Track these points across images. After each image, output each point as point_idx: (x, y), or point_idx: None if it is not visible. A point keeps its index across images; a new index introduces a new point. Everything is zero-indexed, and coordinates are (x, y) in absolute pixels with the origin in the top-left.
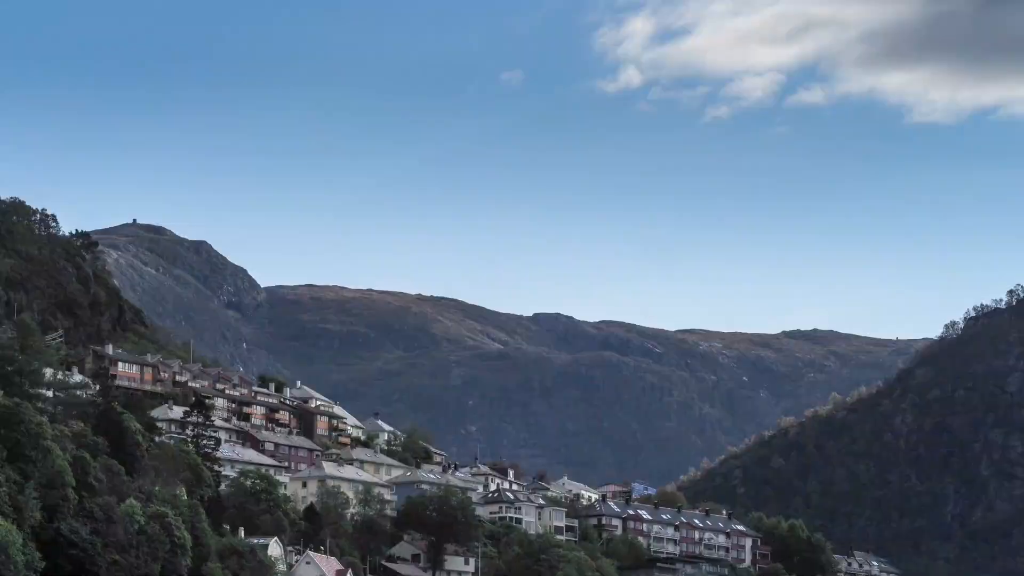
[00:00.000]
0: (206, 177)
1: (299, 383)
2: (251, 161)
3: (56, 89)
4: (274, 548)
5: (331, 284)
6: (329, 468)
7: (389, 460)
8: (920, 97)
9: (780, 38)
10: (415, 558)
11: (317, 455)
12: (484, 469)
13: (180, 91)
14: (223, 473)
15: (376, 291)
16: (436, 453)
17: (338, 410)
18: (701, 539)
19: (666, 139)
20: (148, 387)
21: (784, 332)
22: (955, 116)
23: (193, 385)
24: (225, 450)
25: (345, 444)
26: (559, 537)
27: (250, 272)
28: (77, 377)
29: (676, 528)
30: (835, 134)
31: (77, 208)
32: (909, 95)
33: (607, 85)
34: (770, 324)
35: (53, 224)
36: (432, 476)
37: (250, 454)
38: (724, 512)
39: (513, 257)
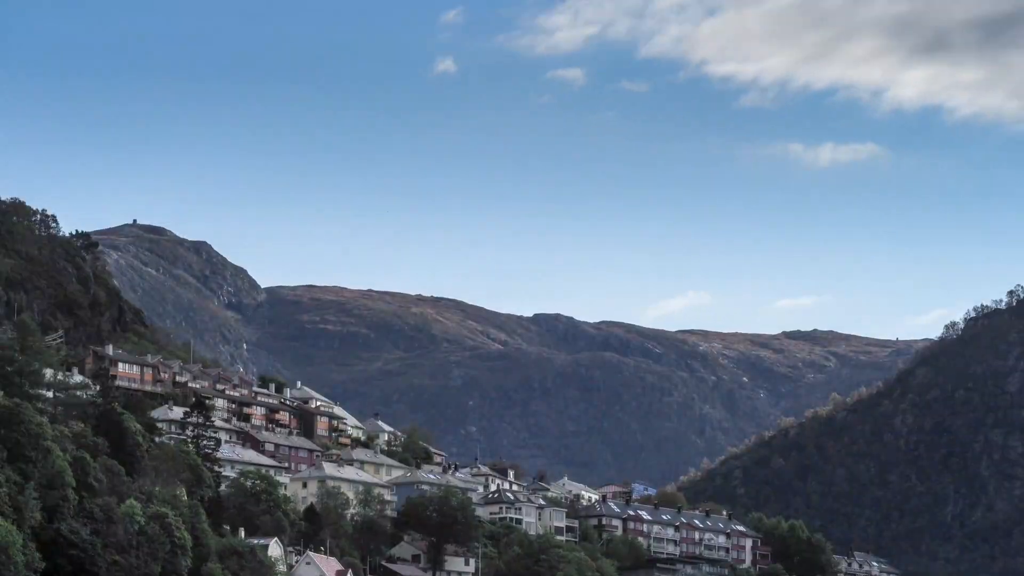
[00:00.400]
0: (206, 177)
1: (299, 383)
2: (251, 161)
3: (56, 89)
4: (274, 548)
5: (331, 284)
6: (329, 468)
7: (389, 460)
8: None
9: None
10: (415, 558)
11: (317, 455)
12: (484, 469)
13: (180, 91)
14: (223, 474)
15: (376, 291)
16: (436, 453)
17: (338, 410)
18: (701, 539)
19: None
20: (148, 387)
21: (784, 332)
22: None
23: (193, 386)
24: (225, 451)
25: (345, 444)
26: (559, 537)
27: (250, 272)
28: (77, 377)
29: (676, 529)
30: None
31: (77, 208)
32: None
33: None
34: (770, 324)
35: (53, 224)
36: (432, 476)
37: (250, 454)
38: (724, 512)
39: (513, 257)
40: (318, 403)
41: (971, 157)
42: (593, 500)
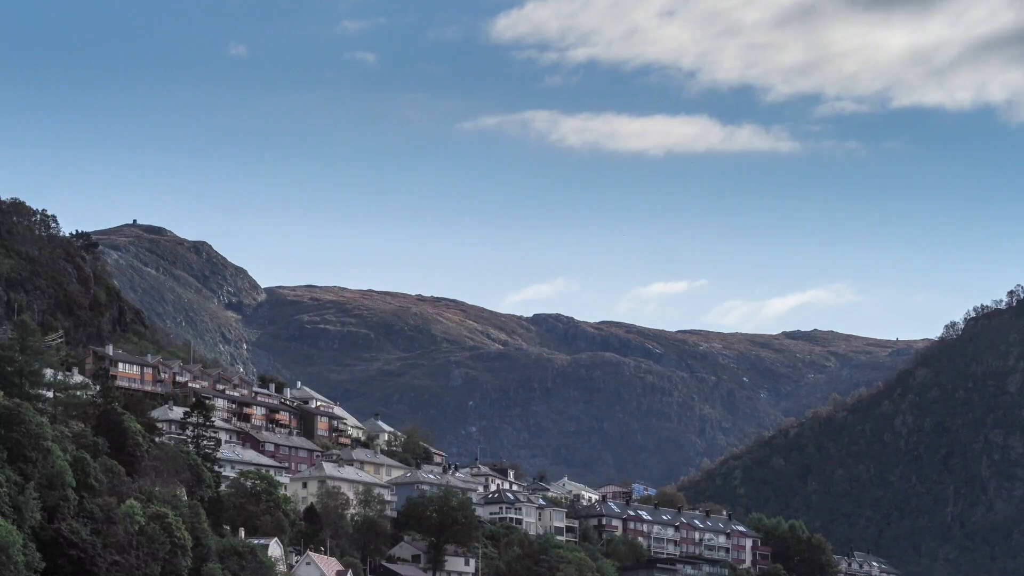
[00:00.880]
0: (206, 177)
1: (299, 383)
2: (251, 161)
3: (56, 89)
4: (274, 549)
5: (331, 284)
6: (329, 469)
7: (389, 461)
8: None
9: None
10: (415, 559)
11: (317, 456)
12: (484, 470)
13: (179, 89)
14: (223, 474)
15: (376, 291)
16: (436, 453)
17: (338, 410)
18: (701, 540)
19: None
20: (148, 388)
21: (784, 332)
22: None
23: (193, 386)
24: (225, 451)
25: (345, 445)
26: (559, 538)
27: (250, 272)
28: (77, 378)
29: (676, 529)
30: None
31: (77, 208)
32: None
33: None
34: (770, 324)
35: (53, 224)
36: (432, 477)
37: (250, 455)
38: (724, 512)
39: (513, 257)
40: (318, 403)
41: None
42: (593, 500)
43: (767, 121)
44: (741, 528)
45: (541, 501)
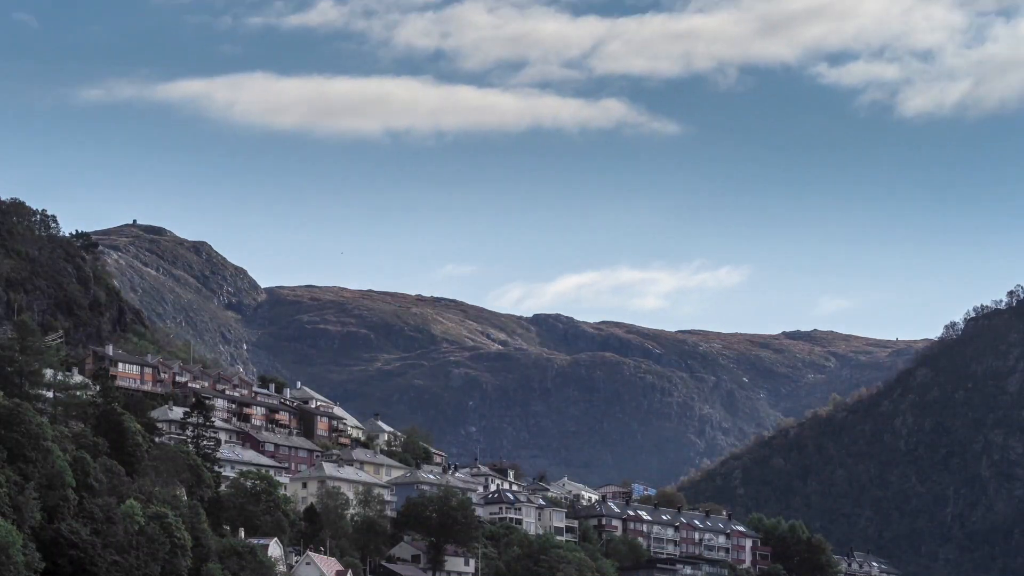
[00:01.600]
0: (206, 177)
1: (299, 383)
2: (252, 160)
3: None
4: (274, 549)
5: (331, 285)
6: (329, 469)
7: (389, 461)
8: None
9: None
10: (415, 559)
11: (317, 456)
12: (484, 470)
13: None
14: (223, 474)
15: (376, 291)
16: (436, 454)
17: (338, 410)
18: (701, 540)
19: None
20: (148, 388)
21: (784, 332)
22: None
23: (193, 386)
24: (225, 451)
25: (345, 445)
26: (559, 538)
27: (250, 272)
28: (77, 378)
29: (676, 529)
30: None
31: (77, 208)
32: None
33: None
34: (770, 324)
35: (53, 225)
36: (432, 477)
37: (250, 455)
38: (724, 513)
39: (513, 257)
40: (318, 403)
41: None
42: (593, 500)
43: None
44: (741, 528)
45: (541, 501)
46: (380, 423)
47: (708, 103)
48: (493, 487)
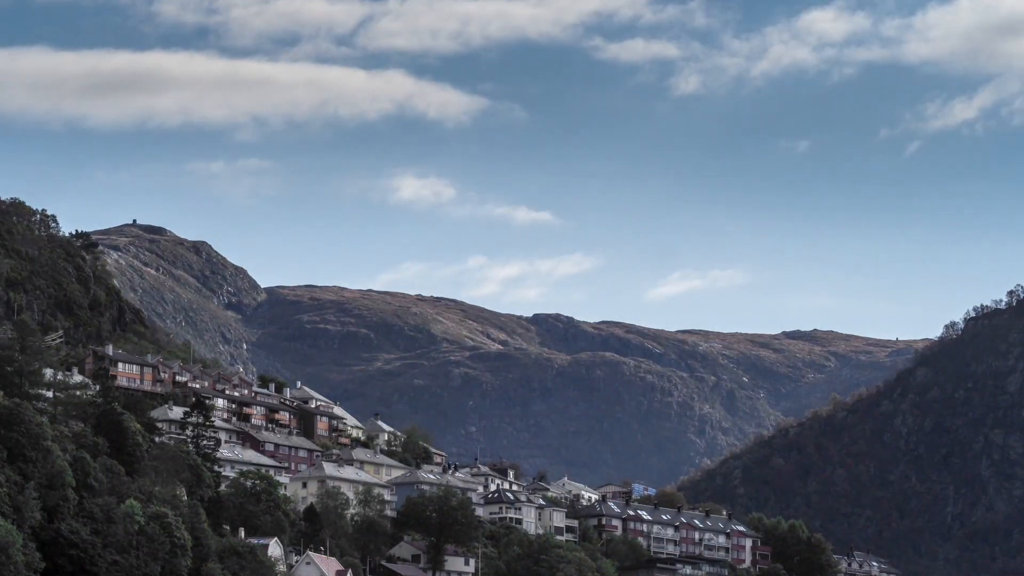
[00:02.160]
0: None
1: (299, 383)
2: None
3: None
4: (274, 548)
5: (331, 284)
6: (329, 468)
7: (389, 460)
8: None
9: None
10: (415, 558)
11: (317, 455)
12: (484, 469)
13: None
14: (223, 473)
15: (376, 291)
16: (436, 453)
17: (338, 410)
18: (701, 539)
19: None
20: (148, 387)
21: (784, 332)
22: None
23: (193, 386)
24: (225, 450)
25: (345, 444)
26: (559, 537)
27: (250, 272)
28: (77, 377)
29: (676, 528)
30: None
31: (77, 208)
32: None
33: None
34: (770, 324)
35: (53, 224)
36: (432, 476)
37: (250, 454)
38: (724, 512)
39: (514, 257)
40: (318, 403)
41: None
42: (593, 500)
43: None
44: (741, 528)
45: (541, 501)
46: (380, 423)
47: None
48: (493, 487)
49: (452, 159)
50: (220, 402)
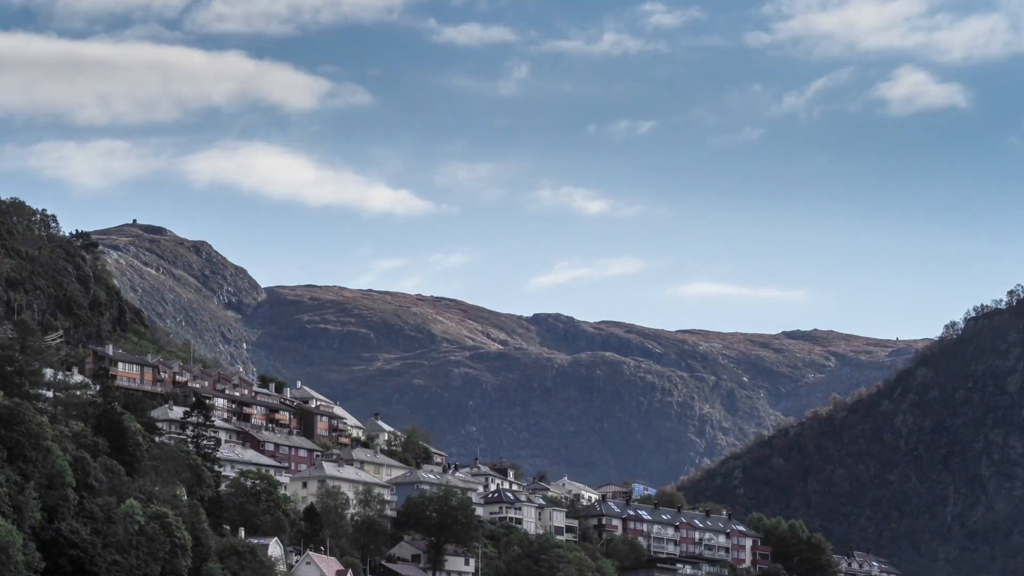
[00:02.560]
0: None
1: (299, 383)
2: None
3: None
4: (274, 548)
5: (331, 284)
6: (329, 468)
7: (389, 460)
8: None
9: None
10: (415, 558)
11: (317, 455)
12: (484, 469)
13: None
14: (223, 473)
15: (376, 291)
16: (436, 453)
17: (338, 410)
18: (701, 539)
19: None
20: (148, 387)
21: (784, 332)
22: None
23: (193, 385)
24: (225, 450)
25: (345, 444)
26: (559, 537)
27: (250, 272)
28: (77, 377)
29: (676, 528)
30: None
31: (77, 208)
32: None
33: None
34: (770, 324)
35: (53, 224)
36: (432, 476)
37: (250, 454)
38: (724, 512)
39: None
40: (318, 403)
41: None
42: (593, 500)
43: None
44: (741, 528)
45: (541, 501)
46: (380, 423)
47: None
48: (493, 487)
49: (305, 139)
50: (220, 402)
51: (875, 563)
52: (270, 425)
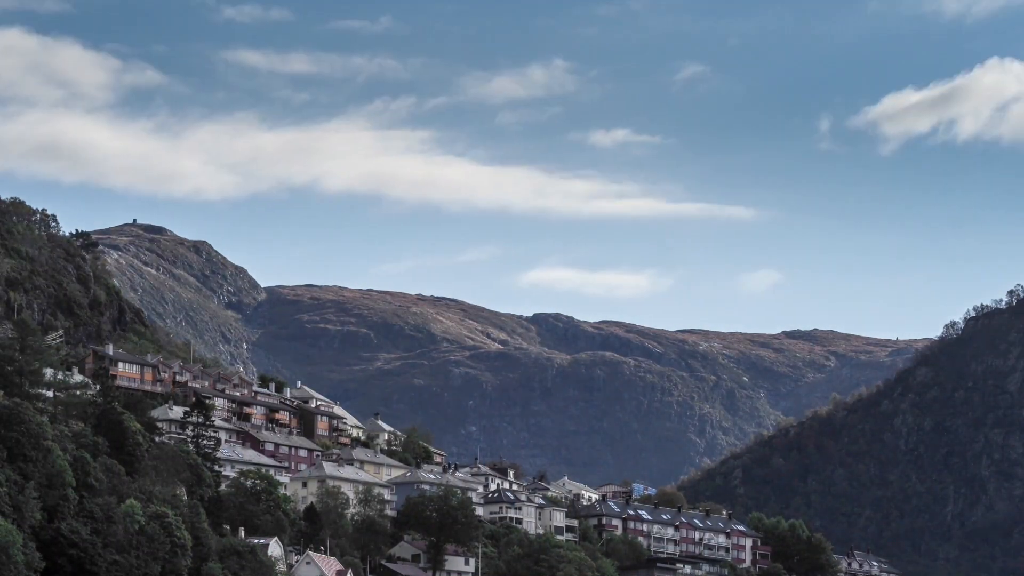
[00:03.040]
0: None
1: (299, 383)
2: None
3: None
4: (274, 548)
5: (331, 284)
6: (329, 468)
7: (389, 460)
8: None
9: None
10: (415, 558)
11: (317, 455)
12: (484, 469)
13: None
14: (223, 473)
15: (376, 291)
16: (436, 453)
17: (338, 410)
18: (701, 539)
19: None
20: (148, 387)
21: (784, 332)
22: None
23: (193, 385)
24: (225, 450)
25: (345, 444)
26: (559, 537)
27: (250, 272)
28: (77, 377)
29: (676, 528)
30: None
31: (77, 208)
32: None
33: None
34: (770, 324)
35: (53, 224)
36: (432, 476)
37: (250, 454)
38: (724, 512)
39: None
40: (318, 403)
41: None
42: (593, 500)
43: None
44: (741, 528)
45: (541, 501)
46: (380, 423)
47: None
48: (493, 487)
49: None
50: (220, 402)
51: (875, 563)
52: (270, 425)
